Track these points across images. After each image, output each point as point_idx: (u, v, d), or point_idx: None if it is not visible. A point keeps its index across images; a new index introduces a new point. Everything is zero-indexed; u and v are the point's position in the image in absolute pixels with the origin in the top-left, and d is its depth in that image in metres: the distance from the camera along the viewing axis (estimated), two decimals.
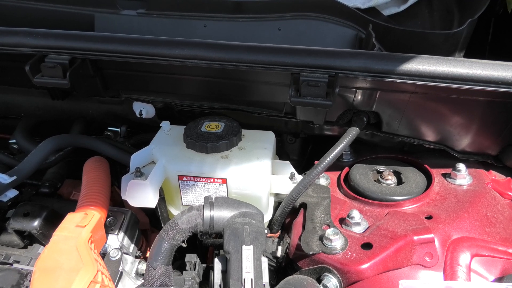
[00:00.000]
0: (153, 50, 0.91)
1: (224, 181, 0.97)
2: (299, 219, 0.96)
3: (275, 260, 0.96)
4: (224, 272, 0.80)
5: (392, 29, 1.13)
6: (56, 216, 0.99)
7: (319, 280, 0.81)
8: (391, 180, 1.01)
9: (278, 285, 0.80)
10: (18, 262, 0.96)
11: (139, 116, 1.16)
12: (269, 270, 0.87)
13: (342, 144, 0.95)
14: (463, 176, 0.97)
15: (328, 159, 0.94)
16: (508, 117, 0.90)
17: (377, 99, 0.94)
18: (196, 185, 0.99)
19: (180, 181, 1.00)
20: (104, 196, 1.01)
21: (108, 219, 1.02)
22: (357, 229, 0.88)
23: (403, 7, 1.21)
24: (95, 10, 1.22)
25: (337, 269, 0.81)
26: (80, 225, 0.87)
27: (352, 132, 0.97)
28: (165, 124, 1.12)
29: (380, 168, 1.07)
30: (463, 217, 0.86)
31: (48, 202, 1.07)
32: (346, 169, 1.10)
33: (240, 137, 1.04)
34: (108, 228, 1.01)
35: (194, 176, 0.98)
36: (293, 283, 0.79)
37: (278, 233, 1.02)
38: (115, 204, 1.15)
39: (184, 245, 0.84)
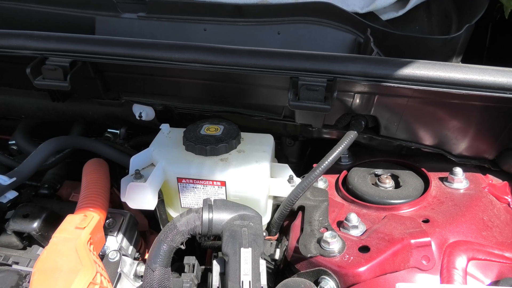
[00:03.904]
0: (153, 53, 0.92)
1: (223, 183, 0.98)
2: (297, 222, 0.96)
3: (273, 263, 0.96)
4: (223, 274, 0.81)
5: (390, 33, 1.14)
6: (55, 218, 0.99)
7: (316, 283, 0.82)
8: (388, 183, 1.02)
9: (275, 287, 0.80)
10: (17, 263, 0.96)
11: (138, 118, 1.17)
12: (267, 272, 0.87)
13: (341, 148, 0.96)
14: (460, 180, 0.98)
15: (327, 162, 0.94)
16: (505, 122, 0.91)
17: (375, 103, 0.94)
18: (195, 187, 1.00)
19: (179, 183, 1.00)
20: (103, 198, 1.02)
21: (107, 221, 1.02)
22: (355, 232, 0.89)
23: (401, 12, 1.22)
24: (96, 13, 1.23)
25: (334, 272, 0.81)
26: (80, 226, 0.88)
27: (351, 136, 0.98)
28: (164, 127, 1.12)
29: (378, 171, 1.07)
30: (459, 221, 0.87)
31: (48, 204, 1.07)
32: (344, 173, 1.11)
33: (239, 140, 1.05)
34: (107, 230, 1.01)
35: (193, 179, 0.99)
36: (291, 285, 0.79)
37: (276, 236, 1.02)
38: (114, 206, 1.15)
39: (182, 247, 0.85)
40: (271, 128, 1.17)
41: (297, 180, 1.02)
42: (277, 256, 0.96)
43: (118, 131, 1.34)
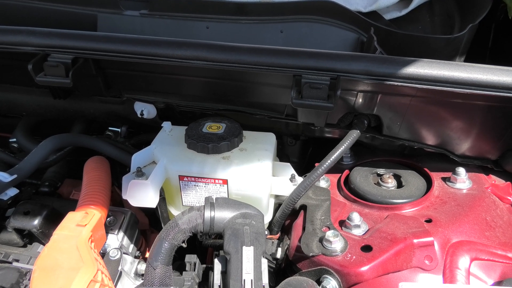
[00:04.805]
0: (155, 50, 0.91)
1: (225, 182, 0.98)
2: (299, 221, 0.96)
3: (274, 262, 0.96)
4: (224, 273, 0.80)
5: (393, 33, 1.14)
6: (56, 215, 0.99)
7: (318, 282, 0.82)
8: (391, 183, 1.01)
9: (277, 286, 0.80)
10: (17, 260, 0.96)
11: (140, 116, 1.16)
12: (269, 271, 0.86)
13: (343, 147, 0.96)
14: (463, 180, 0.98)
15: (329, 161, 0.94)
16: (508, 122, 0.91)
17: (378, 102, 0.94)
18: (197, 185, 1.00)
19: (181, 181, 1.00)
20: (104, 196, 1.01)
21: (108, 219, 1.02)
22: (357, 232, 0.88)
23: (404, 12, 1.22)
24: (98, 10, 1.23)
25: (336, 271, 0.81)
26: (81, 224, 0.87)
27: (353, 135, 0.98)
28: (166, 125, 1.12)
29: (380, 171, 1.07)
30: (462, 221, 0.86)
31: (48, 201, 1.07)
32: (346, 172, 1.10)
33: (241, 138, 1.05)
34: (108, 228, 1.01)
35: (195, 177, 0.99)
36: (293, 284, 0.79)
37: (278, 235, 1.02)
38: (115, 204, 1.15)
39: (184, 245, 0.85)
40: (273, 127, 1.17)
41: (299, 179, 1.01)
42: (278, 255, 0.96)
43: (119, 129, 1.34)
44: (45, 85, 0.98)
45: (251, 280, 0.74)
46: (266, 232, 0.99)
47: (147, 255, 1.09)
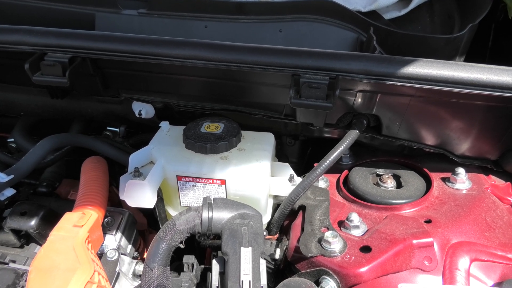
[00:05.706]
0: (153, 49, 0.91)
1: (223, 182, 0.97)
2: (297, 221, 0.95)
3: (273, 263, 0.95)
4: (222, 274, 0.80)
5: (393, 32, 1.13)
6: (53, 216, 0.98)
7: (317, 283, 0.81)
8: (390, 183, 1.01)
9: (276, 287, 0.79)
10: (14, 261, 0.95)
11: (138, 116, 1.16)
12: (267, 272, 0.86)
13: (342, 147, 0.95)
14: (463, 180, 0.97)
15: (328, 161, 0.93)
16: (508, 122, 0.90)
17: (377, 102, 0.94)
18: (195, 186, 0.99)
19: (178, 181, 0.99)
20: (102, 196, 1.01)
21: (106, 219, 1.02)
22: (356, 232, 0.88)
23: (404, 11, 1.22)
24: (96, 10, 1.22)
25: (335, 272, 0.80)
26: (78, 224, 0.87)
27: (352, 135, 0.97)
28: (164, 124, 1.11)
29: (380, 171, 1.07)
30: (462, 222, 0.86)
31: (46, 202, 1.06)
32: (345, 172, 1.10)
33: (239, 138, 1.04)
34: (106, 229, 1.00)
35: (193, 177, 0.98)
36: (291, 285, 0.78)
37: (277, 235, 1.01)
38: (113, 204, 1.14)
39: (182, 246, 0.84)
40: (271, 127, 1.16)
41: (298, 179, 1.01)
42: (277, 255, 0.95)
43: (117, 129, 1.33)
44: (42, 84, 0.98)
45: (249, 281, 0.73)
46: (265, 233, 0.99)
47: (145, 255, 1.08)
